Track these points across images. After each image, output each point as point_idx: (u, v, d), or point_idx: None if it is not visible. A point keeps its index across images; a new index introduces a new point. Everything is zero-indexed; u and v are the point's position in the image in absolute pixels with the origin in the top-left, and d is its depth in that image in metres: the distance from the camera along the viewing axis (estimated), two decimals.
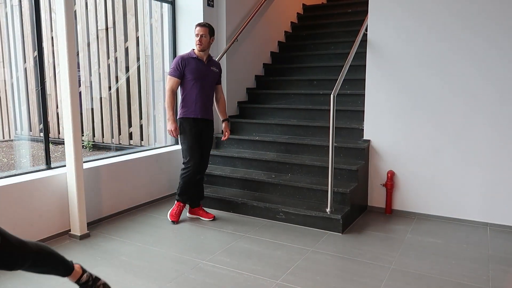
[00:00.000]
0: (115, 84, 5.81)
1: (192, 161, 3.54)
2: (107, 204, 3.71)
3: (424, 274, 2.69)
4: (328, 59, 5.25)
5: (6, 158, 5.84)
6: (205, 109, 3.57)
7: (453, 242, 3.22)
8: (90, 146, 5.96)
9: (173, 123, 3.49)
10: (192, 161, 3.54)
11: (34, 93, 5.88)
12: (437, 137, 3.66)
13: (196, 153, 3.55)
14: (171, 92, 3.48)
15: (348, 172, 3.74)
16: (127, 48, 5.58)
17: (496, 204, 3.51)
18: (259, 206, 3.74)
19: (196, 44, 3.49)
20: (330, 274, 2.70)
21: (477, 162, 3.54)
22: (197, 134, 3.55)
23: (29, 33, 5.83)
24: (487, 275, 2.69)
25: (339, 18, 6.03)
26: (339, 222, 3.38)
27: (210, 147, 3.72)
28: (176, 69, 3.47)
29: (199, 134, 3.56)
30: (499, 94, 3.41)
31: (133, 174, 3.95)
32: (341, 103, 4.42)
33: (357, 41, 3.87)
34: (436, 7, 3.57)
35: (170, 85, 3.49)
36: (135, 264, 2.83)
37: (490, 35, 3.40)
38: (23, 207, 3.05)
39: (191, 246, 3.15)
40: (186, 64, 3.48)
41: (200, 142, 3.58)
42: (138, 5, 5.29)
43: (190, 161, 3.54)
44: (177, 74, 3.47)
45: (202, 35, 3.46)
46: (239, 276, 2.66)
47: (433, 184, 3.72)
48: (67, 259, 2.04)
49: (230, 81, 4.82)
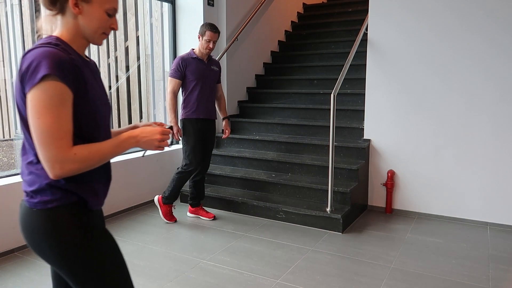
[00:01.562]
0: (115, 83, 5.80)
1: (193, 165, 3.50)
2: (107, 203, 3.71)
3: (424, 274, 2.69)
4: (329, 59, 5.24)
5: (6, 158, 5.85)
6: (207, 109, 3.55)
7: (453, 242, 3.22)
8: None
9: (175, 125, 3.45)
10: (193, 165, 3.50)
11: None
12: (438, 136, 3.66)
13: (198, 156, 3.52)
14: (173, 94, 3.44)
15: (349, 172, 3.74)
16: (127, 47, 5.58)
17: (496, 203, 3.51)
18: (259, 206, 3.74)
19: (205, 49, 3.42)
20: (330, 273, 2.70)
21: (478, 162, 3.54)
22: (200, 135, 3.52)
23: (29, 33, 5.82)
24: (487, 274, 2.69)
25: (340, 17, 6.02)
26: (339, 221, 3.38)
27: (212, 147, 3.71)
28: (177, 70, 3.43)
29: (202, 135, 3.54)
30: (500, 93, 3.41)
31: (133, 173, 3.95)
32: (341, 102, 4.42)
33: (358, 41, 3.86)
34: (436, 6, 3.56)
35: (172, 87, 3.45)
36: (135, 264, 2.84)
37: (490, 34, 3.39)
38: None
39: (191, 246, 3.16)
40: (187, 65, 3.44)
41: (203, 142, 3.56)
42: (138, 4, 5.29)
43: (191, 165, 3.50)
44: (178, 76, 3.43)
45: (214, 41, 3.41)
46: (239, 276, 2.66)
47: (434, 183, 3.72)
48: None
49: (230, 81, 4.82)
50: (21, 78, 1.08)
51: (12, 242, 3.00)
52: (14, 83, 1.11)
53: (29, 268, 2.76)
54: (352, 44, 3.96)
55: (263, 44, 5.45)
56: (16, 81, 1.10)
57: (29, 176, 1.15)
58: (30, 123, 1.06)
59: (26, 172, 1.17)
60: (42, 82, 1.04)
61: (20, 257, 2.93)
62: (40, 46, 1.09)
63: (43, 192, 1.13)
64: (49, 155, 1.05)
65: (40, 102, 1.04)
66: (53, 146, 1.05)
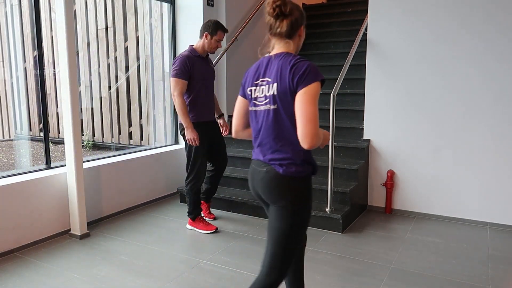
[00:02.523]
0: (115, 83, 5.81)
1: (200, 174, 3.34)
2: (107, 203, 3.71)
3: (424, 274, 2.69)
4: (328, 59, 5.24)
5: (6, 158, 5.85)
6: (212, 110, 3.40)
7: (453, 242, 3.22)
8: (90, 145, 5.97)
9: (193, 131, 3.19)
10: (201, 173, 3.34)
11: (34, 93, 5.88)
12: (437, 136, 3.66)
13: (205, 163, 3.38)
14: (182, 97, 3.16)
15: (348, 172, 3.74)
16: (127, 48, 5.58)
17: (496, 203, 3.51)
18: (259, 206, 3.74)
19: (213, 48, 3.28)
20: (330, 273, 2.70)
21: (477, 162, 3.54)
22: (209, 139, 3.35)
23: (29, 33, 5.83)
24: (487, 274, 2.69)
25: (339, 17, 6.03)
26: (339, 221, 3.38)
27: (224, 143, 3.55)
28: (184, 70, 3.15)
29: (210, 139, 3.36)
30: (500, 93, 3.41)
31: (133, 173, 3.95)
32: (341, 102, 4.42)
33: (357, 41, 3.87)
34: (436, 7, 3.57)
35: (180, 89, 3.15)
36: (135, 264, 2.84)
37: (489, 35, 3.40)
38: (23, 206, 3.05)
39: (191, 246, 3.16)
40: (193, 64, 3.20)
41: (211, 144, 3.40)
42: (138, 4, 5.29)
43: (198, 174, 3.33)
44: (185, 76, 3.16)
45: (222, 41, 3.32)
46: (239, 276, 2.66)
47: (433, 183, 3.72)
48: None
49: (230, 81, 4.82)
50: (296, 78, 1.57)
51: (12, 242, 3.00)
52: (280, 87, 1.61)
53: (29, 268, 2.76)
54: (352, 44, 3.96)
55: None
56: (287, 82, 1.59)
57: (288, 156, 1.66)
58: (301, 109, 1.56)
59: (282, 150, 1.66)
60: (315, 83, 1.56)
61: (20, 257, 2.93)
62: (301, 59, 1.62)
63: (296, 165, 1.65)
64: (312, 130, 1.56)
65: (312, 95, 1.56)
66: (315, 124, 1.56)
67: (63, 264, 2.83)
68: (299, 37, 1.76)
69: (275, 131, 1.66)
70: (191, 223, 3.46)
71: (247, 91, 1.76)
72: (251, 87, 1.74)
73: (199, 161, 3.32)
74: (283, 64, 1.62)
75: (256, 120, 1.72)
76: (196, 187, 3.36)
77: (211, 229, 3.39)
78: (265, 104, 1.67)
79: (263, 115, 1.68)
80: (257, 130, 1.73)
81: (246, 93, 1.77)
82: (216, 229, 3.41)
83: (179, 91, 3.16)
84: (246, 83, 1.78)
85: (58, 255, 2.97)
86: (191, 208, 3.42)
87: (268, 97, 1.65)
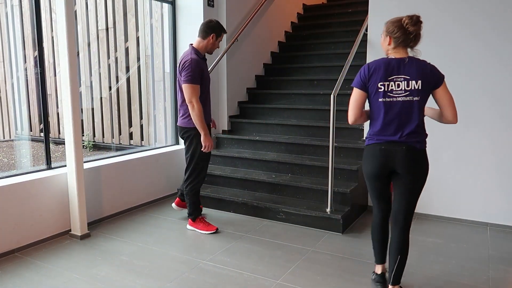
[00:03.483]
0: (116, 84, 5.81)
1: (201, 177, 3.37)
2: (107, 204, 3.72)
3: (424, 274, 2.69)
4: (329, 59, 5.25)
5: (7, 158, 5.85)
6: (209, 113, 3.38)
7: (453, 242, 3.22)
8: (90, 146, 5.97)
9: (210, 138, 3.22)
10: (202, 176, 3.38)
11: (34, 93, 5.88)
12: (437, 136, 3.66)
13: (207, 166, 3.41)
14: (200, 103, 3.12)
15: (348, 172, 3.74)
16: (127, 48, 5.59)
17: (496, 204, 3.51)
18: (259, 206, 3.74)
19: (215, 48, 3.31)
20: (330, 274, 2.70)
21: (477, 162, 3.54)
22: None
23: (30, 33, 5.83)
24: (487, 275, 2.69)
25: (339, 18, 6.03)
26: (339, 222, 3.38)
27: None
28: (197, 75, 3.11)
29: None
30: (500, 94, 3.41)
31: (133, 174, 3.95)
32: (341, 103, 4.42)
33: (357, 41, 3.87)
34: (435, 9, 3.57)
35: (197, 95, 3.11)
36: (136, 264, 2.84)
37: (488, 37, 3.40)
38: (23, 207, 3.05)
39: (191, 246, 3.16)
40: (202, 68, 3.18)
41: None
42: (139, 5, 5.29)
43: (199, 177, 3.36)
44: (199, 81, 3.13)
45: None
46: (240, 276, 2.67)
47: (433, 183, 3.72)
48: None
49: (231, 81, 4.82)
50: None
51: (12, 243, 3.00)
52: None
53: (29, 269, 2.76)
54: (352, 44, 3.96)
55: (263, 45, 5.46)
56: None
57: (422, 136, 2.20)
58: (449, 98, 2.24)
59: (418, 131, 2.18)
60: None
61: (20, 258, 2.93)
62: (430, 63, 2.21)
63: (425, 142, 2.21)
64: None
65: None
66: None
67: (63, 264, 2.83)
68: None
69: (415, 117, 2.14)
70: (192, 224, 3.47)
71: (378, 85, 2.14)
72: (383, 82, 2.15)
73: (202, 164, 3.35)
74: (423, 66, 2.17)
75: (390, 109, 2.15)
76: (196, 189, 3.39)
77: (211, 230, 3.39)
78: (405, 96, 2.12)
79: (400, 105, 2.13)
80: (391, 118, 2.15)
81: (369, 88, 2.19)
82: (217, 229, 3.42)
83: (197, 97, 3.12)
84: (372, 79, 2.17)
85: (59, 255, 2.98)
86: (191, 209, 3.43)
87: (408, 91, 2.11)
